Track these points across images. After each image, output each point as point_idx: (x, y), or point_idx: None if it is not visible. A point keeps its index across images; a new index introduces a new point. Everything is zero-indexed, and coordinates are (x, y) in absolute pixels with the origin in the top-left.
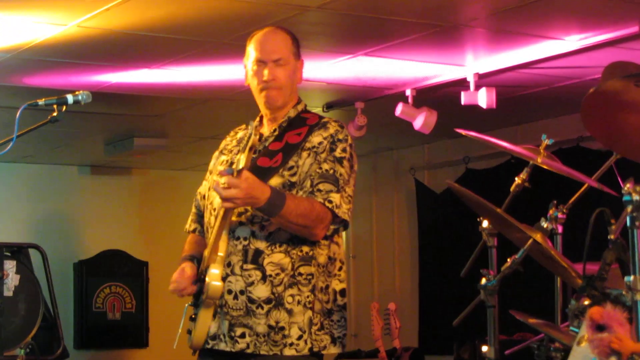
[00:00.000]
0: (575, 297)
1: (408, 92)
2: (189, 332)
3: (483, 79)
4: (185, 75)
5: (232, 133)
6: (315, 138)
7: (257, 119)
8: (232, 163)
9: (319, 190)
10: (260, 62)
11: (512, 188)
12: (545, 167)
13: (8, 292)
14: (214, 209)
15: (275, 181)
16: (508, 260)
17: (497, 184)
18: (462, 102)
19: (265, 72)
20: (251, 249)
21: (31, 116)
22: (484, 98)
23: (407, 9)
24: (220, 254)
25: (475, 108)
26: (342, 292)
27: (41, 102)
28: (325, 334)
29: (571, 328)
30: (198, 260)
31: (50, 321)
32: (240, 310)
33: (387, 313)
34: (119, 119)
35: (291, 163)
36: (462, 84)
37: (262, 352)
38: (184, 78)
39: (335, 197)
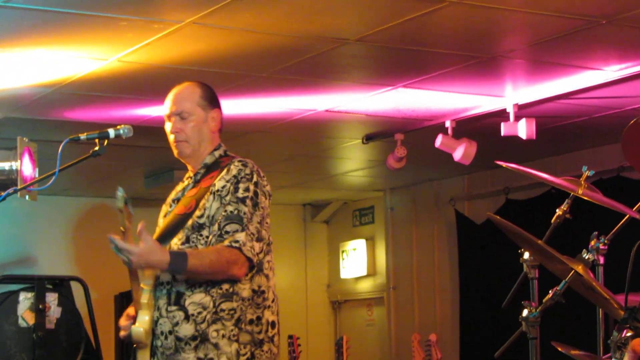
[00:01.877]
0: (617, 329)
1: (448, 124)
2: None
3: (523, 110)
4: (224, 108)
5: (176, 186)
6: (220, 182)
7: (188, 173)
8: (165, 214)
9: (227, 232)
10: (167, 117)
11: (553, 219)
12: (586, 198)
13: (50, 325)
14: None
15: (187, 224)
16: (550, 291)
17: (538, 215)
18: (502, 133)
19: (170, 126)
20: (173, 292)
21: (73, 150)
22: (523, 129)
23: (446, 41)
24: (143, 301)
25: (515, 139)
26: (272, 324)
27: (83, 136)
28: None
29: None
30: None
31: (92, 353)
32: (171, 349)
33: (428, 344)
34: (159, 151)
35: (201, 206)
36: (502, 114)
37: None
38: (223, 111)
39: (241, 236)
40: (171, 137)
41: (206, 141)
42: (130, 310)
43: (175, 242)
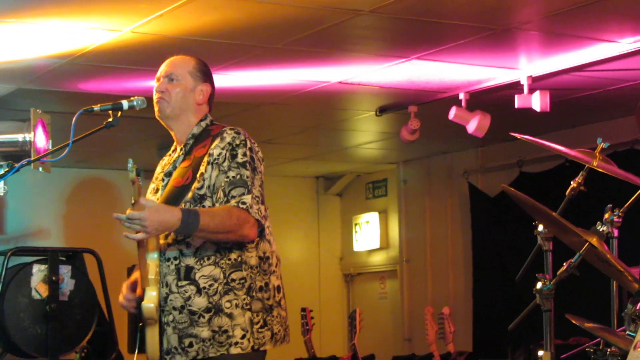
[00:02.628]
0: (632, 301)
1: (461, 96)
2: (133, 350)
3: (537, 82)
4: (238, 80)
5: (160, 161)
6: (215, 150)
7: (172, 146)
8: (157, 190)
9: (233, 197)
10: (157, 79)
11: (568, 192)
12: (600, 170)
13: (63, 297)
14: None
15: (187, 197)
16: (564, 264)
17: (551, 187)
18: (516, 106)
19: (156, 84)
20: (182, 267)
21: (86, 122)
22: (537, 101)
23: (460, 12)
24: (151, 276)
25: (528, 111)
26: (278, 289)
27: (96, 107)
28: (268, 330)
29: (628, 332)
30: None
31: (105, 325)
32: (185, 322)
33: (441, 317)
34: None
35: (199, 177)
36: (516, 87)
37: (210, 355)
38: (237, 83)
39: (247, 198)
40: (155, 96)
41: (190, 111)
42: (134, 278)
43: None
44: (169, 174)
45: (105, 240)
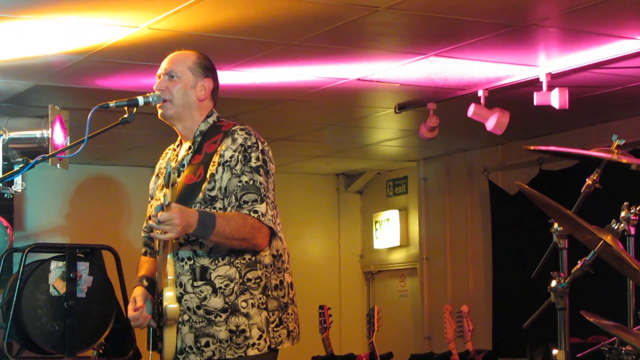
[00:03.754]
0: None
1: (480, 93)
2: (159, 351)
3: (556, 79)
4: (256, 76)
5: (163, 155)
6: (227, 152)
7: (177, 141)
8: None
9: (245, 202)
10: (158, 76)
11: (583, 189)
12: (624, 161)
13: (81, 294)
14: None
15: (198, 197)
16: (579, 262)
17: (571, 186)
18: (535, 103)
19: (157, 83)
20: (197, 267)
21: (103, 118)
22: (556, 98)
23: (479, 9)
24: (170, 277)
25: (547, 109)
26: (291, 285)
27: (112, 104)
28: (283, 328)
29: None
30: (148, 279)
31: (123, 322)
32: (202, 322)
33: (460, 315)
34: None
35: (209, 177)
36: (535, 84)
37: (227, 357)
38: (255, 80)
39: (261, 207)
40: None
41: (192, 108)
42: (137, 296)
43: None
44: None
45: (123, 237)
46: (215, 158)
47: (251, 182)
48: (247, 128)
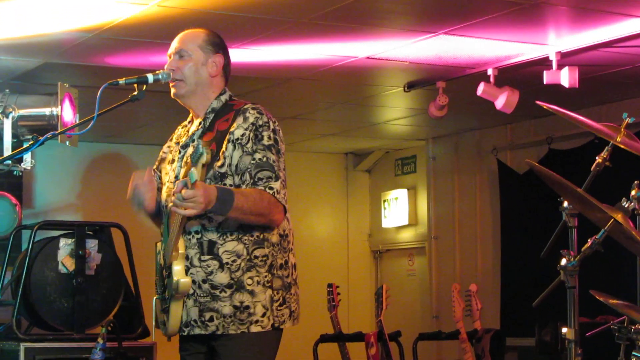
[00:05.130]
0: None
1: (490, 72)
2: (162, 322)
3: (566, 58)
4: (265, 54)
5: (174, 132)
6: (238, 130)
7: (188, 117)
8: (173, 160)
9: (260, 179)
10: (168, 56)
11: (593, 167)
12: (622, 146)
13: (90, 271)
14: (167, 207)
15: (208, 174)
16: (589, 240)
17: (580, 165)
18: (545, 82)
19: (168, 63)
20: (205, 241)
21: (113, 95)
22: (566, 77)
23: None
24: (181, 251)
25: (557, 87)
26: (295, 266)
27: (122, 81)
28: (286, 308)
29: None
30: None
31: (131, 300)
32: (207, 297)
33: (468, 294)
34: None
35: (220, 154)
36: (545, 62)
37: (230, 332)
38: (264, 58)
39: (275, 184)
40: (167, 74)
41: (204, 85)
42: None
43: None
44: (185, 146)
45: (132, 215)
46: (227, 136)
47: (264, 159)
48: (258, 107)
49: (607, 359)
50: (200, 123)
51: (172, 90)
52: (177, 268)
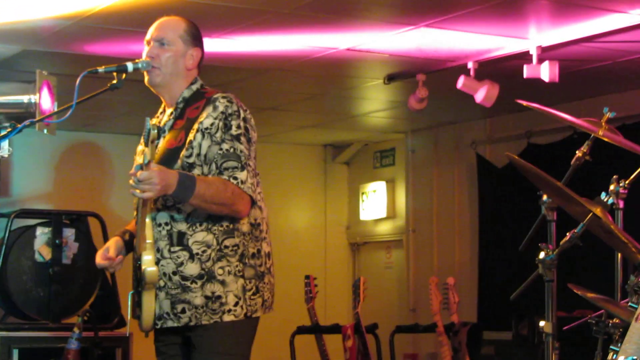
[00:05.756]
0: (636, 274)
1: (470, 65)
2: (137, 317)
3: (546, 52)
4: (245, 45)
5: (154, 117)
6: (207, 120)
7: (161, 108)
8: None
9: (225, 169)
10: (147, 42)
11: (573, 161)
12: (606, 139)
13: (67, 260)
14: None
15: (177, 164)
16: (567, 234)
17: (559, 159)
18: (525, 76)
19: (146, 50)
20: (174, 232)
21: (91, 84)
22: (546, 71)
23: None
24: (149, 240)
25: (537, 82)
26: (269, 255)
27: (101, 69)
28: (259, 297)
29: (630, 304)
30: (130, 233)
31: (108, 290)
32: (178, 289)
33: (445, 287)
34: None
35: (188, 144)
36: (525, 57)
37: (203, 322)
38: (244, 48)
39: (241, 174)
40: (145, 61)
41: (180, 76)
42: (111, 244)
43: None
44: (158, 137)
45: (109, 204)
46: (196, 125)
47: (232, 149)
48: (229, 96)
49: (584, 353)
50: (171, 113)
51: (146, 78)
52: (146, 258)
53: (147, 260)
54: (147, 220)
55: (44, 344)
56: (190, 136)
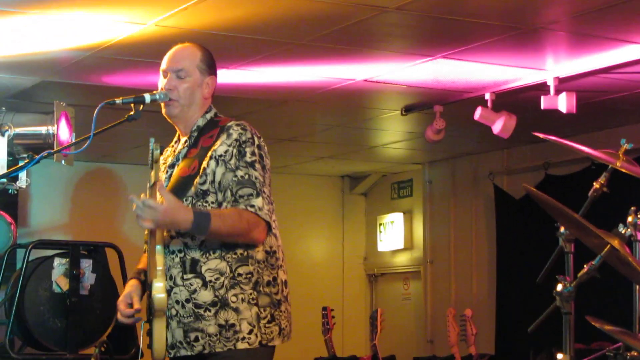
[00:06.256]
0: None
1: (487, 96)
2: (149, 346)
3: (563, 84)
4: (263, 76)
5: (169, 146)
6: (221, 147)
7: (175, 137)
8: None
9: (241, 197)
10: (164, 72)
11: (590, 193)
12: (623, 170)
13: (84, 291)
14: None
15: (190, 191)
16: (585, 266)
17: (577, 191)
18: (542, 107)
19: (164, 82)
20: (188, 260)
21: (110, 115)
22: (564, 103)
23: (487, 11)
24: (159, 267)
25: (555, 113)
26: (285, 283)
27: (118, 100)
28: (275, 325)
29: None
30: (145, 273)
31: None
32: (190, 317)
33: (463, 319)
34: None
35: (201, 171)
36: (542, 88)
37: (217, 350)
38: (261, 79)
39: (257, 201)
40: (162, 93)
41: (196, 105)
42: (134, 296)
43: None
44: (172, 166)
45: (127, 234)
46: (210, 153)
47: (247, 176)
48: (242, 123)
49: None
50: (185, 141)
51: (164, 109)
52: (157, 285)
53: (158, 287)
54: (158, 247)
55: None
56: (204, 164)
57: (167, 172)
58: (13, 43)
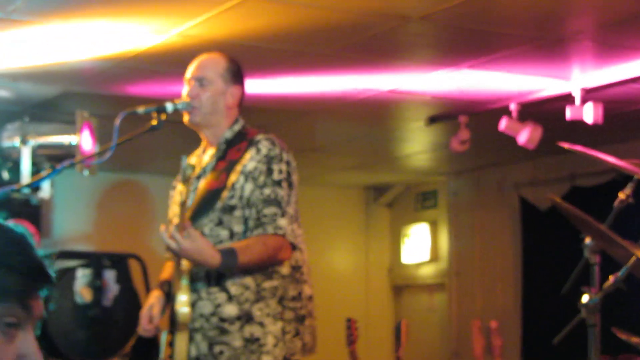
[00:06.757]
0: None
1: (512, 106)
2: (171, 357)
3: (589, 94)
4: (286, 86)
5: (194, 155)
6: (250, 163)
7: (201, 147)
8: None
9: (265, 216)
10: (187, 81)
11: (616, 204)
12: None
13: (107, 302)
14: None
15: (218, 205)
16: (610, 277)
17: (603, 202)
18: (568, 117)
19: (186, 89)
20: (213, 273)
21: (134, 125)
22: (590, 113)
23: (512, 21)
24: (184, 282)
25: (580, 124)
26: (310, 298)
27: (140, 110)
28: (299, 339)
29: None
30: (169, 284)
31: None
32: (215, 330)
33: (489, 331)
34: None
35: (230, 185)
36: (568, 98)
37: None
38: (285, 89)
39: (283, 222)
40: (185, 102)
41: (220, 115)
42: (155, 308)
43: (207, 224)
44: (199, 177)
45: (150, 245)
46: (238, 167)
47: (273, 195)
48: (271, 138)
49: None
50: (213, 154)
51: (186, 117)
52: (181, 298)
53: (182, 301)
54: (184, 260)
55: None
56: (233, 178)
57: (192, 184)
58: (36, 53)
